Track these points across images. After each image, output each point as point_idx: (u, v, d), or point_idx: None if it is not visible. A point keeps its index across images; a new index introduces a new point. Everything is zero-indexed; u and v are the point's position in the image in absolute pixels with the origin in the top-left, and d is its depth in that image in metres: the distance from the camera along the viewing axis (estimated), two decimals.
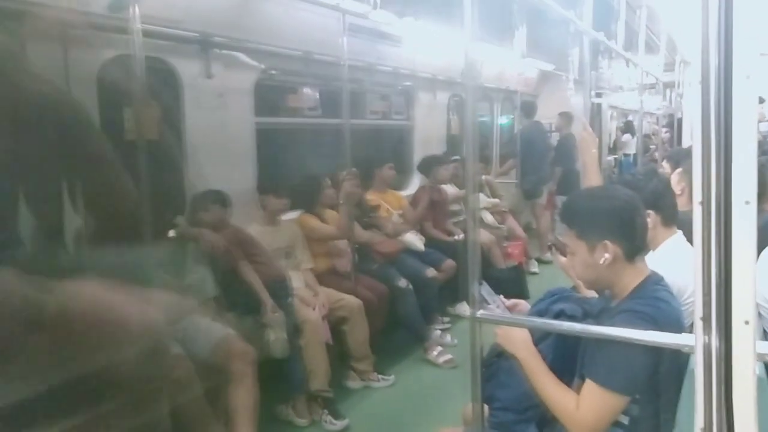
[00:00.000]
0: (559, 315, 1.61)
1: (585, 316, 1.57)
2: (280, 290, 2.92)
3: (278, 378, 2.74)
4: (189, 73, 2.92)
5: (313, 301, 3.06)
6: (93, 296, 0.78)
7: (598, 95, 7.93)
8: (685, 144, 6.80)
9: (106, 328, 0.76)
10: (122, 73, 2.24)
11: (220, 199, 2.92)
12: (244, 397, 2.40)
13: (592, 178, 2.41)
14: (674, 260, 1.65)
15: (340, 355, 3.16)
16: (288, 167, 3.79)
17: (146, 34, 2.30)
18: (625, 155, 9.57)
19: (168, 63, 2.85)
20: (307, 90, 3.81)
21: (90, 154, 0.90)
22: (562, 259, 1.95)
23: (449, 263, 4.05)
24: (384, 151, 4.96)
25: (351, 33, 3.35)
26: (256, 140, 3.35)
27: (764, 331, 1.49)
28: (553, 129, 6.50)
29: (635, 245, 1.43)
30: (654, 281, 1.42)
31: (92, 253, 0.96)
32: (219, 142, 3.09)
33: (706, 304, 0.87)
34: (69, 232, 0.95)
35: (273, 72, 3.46)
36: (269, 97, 3.57)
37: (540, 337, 1.54)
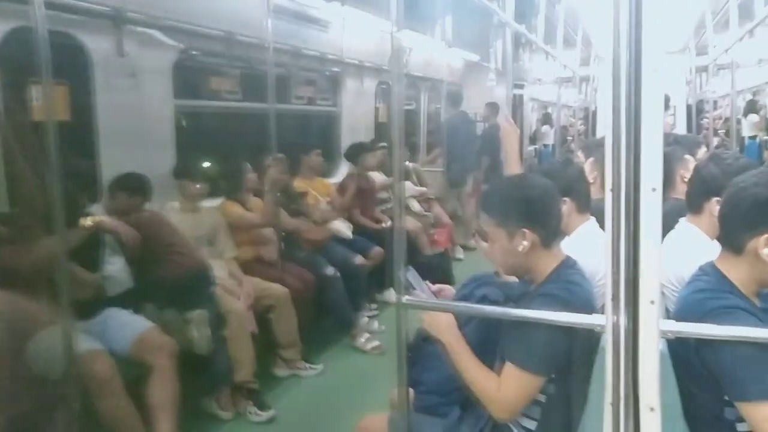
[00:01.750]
0: (483, 300, 1.66)
1: (506, 301, 1.63)
2: (201, 280, 2.83)
3: (202, 370, 2.66)
4: (100, 50, 2.74)
5: (237, 291, 2.98)
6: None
7: (520, 87, 8.21)
8: (598, 135, 7.20)
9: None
10: (24, 48, 2.06)
11: (138, 183, 2.78)
12: (164, 391, 2.31)
13: (513, 167, 2.49)
14: (587, 245, 1.74)
15: (266, 344, 3.11)
16: (209, 152, 3.65)
17: (50, 5, 2.13)
18: (545, 146, 9.98)
19: (76, 38, 2.65)
20: (229, 72, 3.68)
21: None
22: (485, 245, 2.01)
23: (377, 250, 4.07)
24: (311, 138, 4.90)
25: (276, 15, 3.26)
26: (175, 124, 3.21)
27: (666, 309, 1.61)
28: (480, 119, 6.66)
29: (551, 232, 1.48)
30: (568, 265, 1.49)
31: None
32: (134, 125, 2.93)
33: (616, 286, 0.92)
34: None
35: (193, 52, 3.31)
36: (189, 78, 3.42)
37: (464, 322, 1.57)
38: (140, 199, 2.79)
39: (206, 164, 3.35)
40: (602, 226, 0.95)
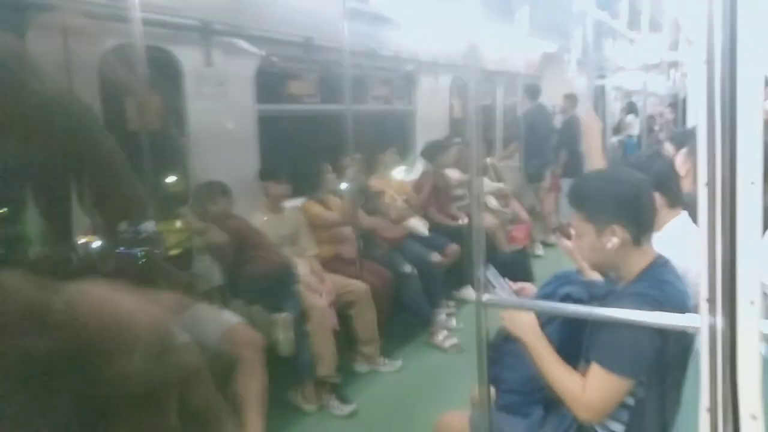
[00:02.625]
0: (566, 298, 1.62)
1: (591, 300, 1.58)
2: (286, 278, 2.94)
3: (286, 364, 2.77)
4: (190, 61, 2.91)
5: (319, 288, 3.08)
6: (98, 297, 0.78)
7: (602, 76, 7.87)
8: (689, 124, 6.76)
9: (111, 329, 0.76)
10: (123, 63, 2.23)
11: (221, 190, 2.93)
12: (253, 384, 2.42)
13: (596, 160, 2.40)
14: (679, 241, 1.65)
15: (346, 340, 3.19)
16: (290, 154, 3.79)
17: (146, 22, 2.29)
18: (629, 136, 9.50)
19: (169, 52, 2.84)
20: (308, 76, 3.79)
21: (97, 156, 0.90)
22: (567, 242, 1.95)
23: (453, 248, 4.05)
24: (387, 137, 4.94)
25: (351, 17, 3.32)
26: (258, 128, 3.35)
27: None
28: (558, 111, 6.46)
29: (643, 229, 1.42)
30: (660, 264, 1.42)
31: (100, 253, 0.96)
32: (221, 131, 3.09)
33: (712, 285, 0.87)
34: (78, 232, 0.95)
35: (274, 59, 3.44)
36: (270, 84, 3.56)
37: (546, 321, 1.54)
38: (222, 206, 2.92)
39: (288, 166, 3.47)
40: (695, 221, 0.90)
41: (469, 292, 4.09)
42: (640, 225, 1.41)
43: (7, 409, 0.72)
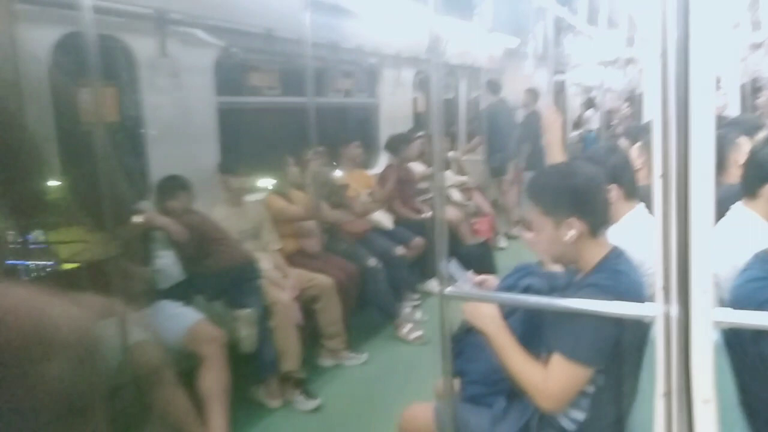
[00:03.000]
0: (527, 290, 1.64)
1: (551, 291, 1.60)
2: (249, 273, 2.90)
3: (250, 360, 2.73)
4: (144, 51, 2.82)
5: (283, 283, 3.04)
6: (15, 299, 0.74)
7: (562, 72, 8.02)
8: (645, 119, 6.96)
9: (30, 333, 0.73)
10: (74, 53, 2.14)
11: (180, 184, 2.86)
12: (215, 381, 2.39)
13: (556, 154, 2.44)
14: (635, 233, 1.69)
15: (311, 335, 3.16)
16: (252, 147, 3.73)
17: (98, 10, 2.20)
18: (589, 131, 9.72)
19: (122, 41, 2.74)
20: (269, 68, 3.73)
21: (9, 155, 0.86)
22: (529, 235, 1.98)
23: (418, 241, 4.07)
24: (350, 130, 4.92)
25: (313, 9, 3.28)
26: (218, 120, 3.28)
27: (721, 299, 1.55)
28: (519, 106, 6.55)
29: (600, 221, 1.45)
30: (616, 255, 1.45)
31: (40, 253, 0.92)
32: (178, 123, 3.01)
33: (666, 275, 0.89)
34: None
35: (233, 50, 3.37)
36: (230, 75, 3.49)
37: (508, 312, 1.56)
38: (183, 200, 2.85)
39: (249, 159, 3.41)
40: (651, 212, 0.92)
41: (433, 285, 4.12)
42: (597, 217, 1.43)
43: None
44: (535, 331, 1.50)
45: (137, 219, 2.47)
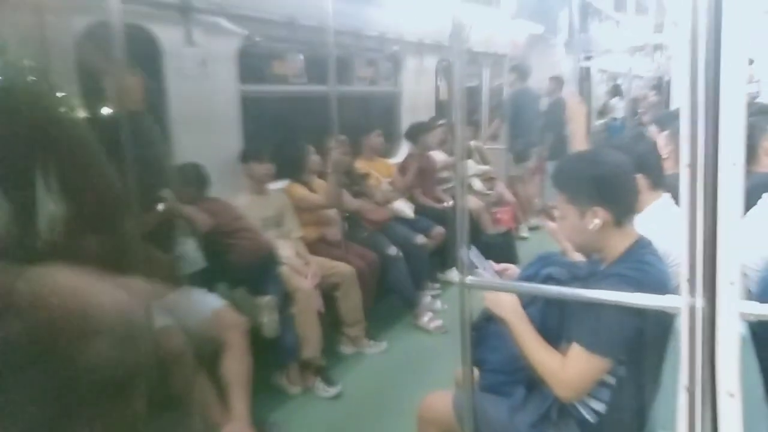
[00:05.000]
0: (548, 279, 1.63)
1: (573, 280, 1.59)
2: (270, 260, 2.92)
3: (271, 347, 2.77)
4: (170, 40, 2.84)
5: (304, 270, 3.06)
6: (63, 282, 0.76)
7: (587, 58, 7.87)
8: (673, 107, 6.80)
9: (76, 314, 0.75)
10: (101, 42, 2.17)
11: (198, 172, 2.88)
12: (237, 367, 2.42)
13: (580, 143, 2.40)
14: (660, 223, 1.66)
15: (331, 322, 3.19)
16: (274, 135, 3.74)
17: (125, 0, 2.22)
18: (614, 119, 9.54)
19: (148, 30, 2.77)
20: (292, 56, 3.74)
21: (65, 141, 0.88)
22: (551, 224, 1.96)
23: (439, 230, 4.06)
24: (372, 119, 4.90)
25: None
26: (241, 109, 3.30)
27: (748, 290, 1.52)
28: (543, 93, 6.46)
29: (625, 210, 1.43)
30: (642, 245, 1.43)
31: (72, 238, 0.94)
32: (203, 112, 3.04)
33: (692, 266, 0.87)
34: (46, 217, 0.93)
35: (257, 38, 3.37)
36: (254, 64, 3.50)
37: (529, 301, 1.55)
38: (198, 189, 2.88)
39: (272, 148, 3.43)
40: (677, 202, 0.90)
41: (453, 274, 4.11)
42: (622, 206, 1.41)
43: None
44: (555, 321, 1.49)
45: (161, 206, 2.51)
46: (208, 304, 2.54)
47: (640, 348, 1.34)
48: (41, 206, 0.90)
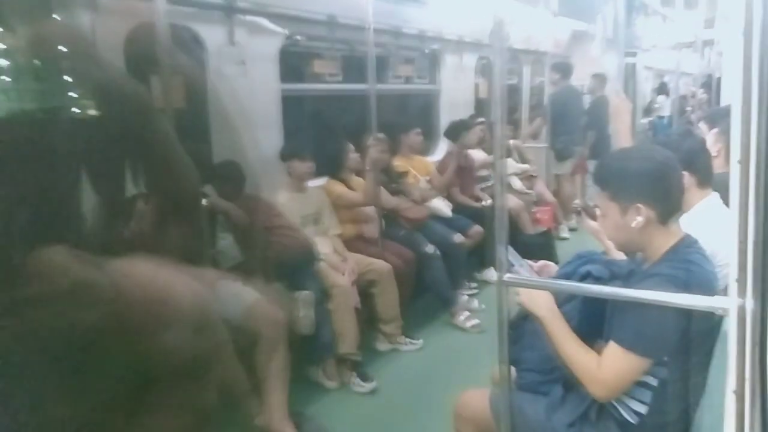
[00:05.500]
0: (586, 277, 1.60)
1: (612, 278, 1.56)
2: (307, 256, 2.96)
3: (309, 341, 2.80)
4: (213, 40, 2.91)
5: (341, 267, 3.09)
6: (143, 273, 0.79)
7: (632, 55, 7.66)
8: (723, 103, 6.56)
9: (156, 304, 0.78)
10: (148, 42, 2.24)
11: (237, 170, 2.93)
12: (275, 361, 2.46)
13: (624, 143, 2.35)
14: (708, 222, 1.61)
15: (368, 319, 3.21)
16: (314, 133, 3.79)
17: (171, 1, 2.29)
18: (660, 117, 9.26)
19: (193, 30, 2.84)
20: (331, 55, 3.77)
21: (152, 136, 0.91)
22: (592, 223, 1.92)
23: (476, 229, 4.03)
24: (410, 117, 4.90)
25: None
26: (281, 107, 3.35)
27: None
28: (586, 91, 6.32)
29: (669, 208, 1.39)
30: (687, 244, 1.39)
31: (154, 230, 0.97)
32: (244, 110, 3.10)
33: (742, 266, 0.85)
34: (131, 211, 0.97)
35: (297, 37, 3.42)
36: (294, 63, 3.55)
37: (565, 299, 1.53)
38: (236, 187, 2.93)
39: (311, 146, 3.48)
40: (726, 201, 0.87)
41: (490, 274, 4.08)
42: (666, 203, 1.38)
43: (52, 384, 0.74)
44: (592, 319, 1.47)
45: (203, 203, 2.58)
46: (245, 296, 2.59)
47: (682, 349, 1.31)
48: (128, 200, 0.94)
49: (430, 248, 3.58)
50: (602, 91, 5.90)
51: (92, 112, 0.86)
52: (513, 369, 1.70)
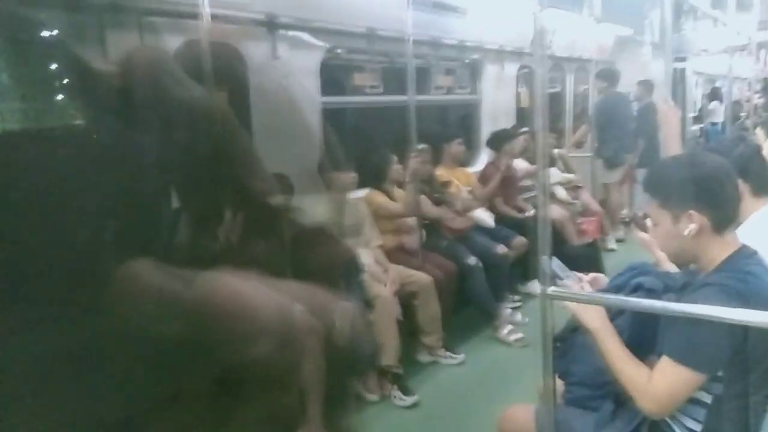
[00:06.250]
0: (637, 289, 1.54)
1: (666, 291, 1.49)
2: (350, 268, 2.96)
3: (350, 353, 2.79)
4: (256, 55, 2.97)
5: (383, 278, 3.08)
6: (227, 286, 0.80)
7: (681, 60, 7.42)
8: None
9: (240, 318, 0.79)
10: (192, 59, 2.30)
11: (284, 182, 2.97)
12: (312, 370, 2.46)
13: (673, 151, 2.27)
14: (764, 233, 1.53)
15: (409, 331, 3.18)
16: (354, 145, 3.81)
17: (214, 18, 2.35)
18: (713, 124, 8.91)
19: (235, 47, 2.91)
20: (371, 67, 3.80)
21: (235, 151, 0.94)
22: (642, 234, 1.85)
23: (520, 240, 3.96)
24: (452, 127, 4.88)
25: (415, 6, 3.29)
26: (323, 120, 3.38)
27: None
28: (632, 98, 6.14)
29: (724, 215, 1.33)
30: (745, 254, 1.32)
31: (240, 243, 0.99)
32: (287, 124, 3.15)
33: None
34: (218, 224, 0.99)
35: (338, 50, 3.46)
36: (335, 76, 3.59)
37: (617, 312, 1.48)
38: (285, 199, 2.96)
39: (352, 157, 3.49)
40: None
41: (534, 286, 3.99)
42: (720, 210, 1.32)
43: (138, 393, 0.75)
44: (644, 333, 1.41)
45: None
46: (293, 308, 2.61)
47: (739, 364, 1.24)
48: (214, 214, 0.97)
49: (472, 260, 3.53)
50: (650, 98, 5.73)
51: (180, 129, 0.89)
52: (561, 383, 1.65)
